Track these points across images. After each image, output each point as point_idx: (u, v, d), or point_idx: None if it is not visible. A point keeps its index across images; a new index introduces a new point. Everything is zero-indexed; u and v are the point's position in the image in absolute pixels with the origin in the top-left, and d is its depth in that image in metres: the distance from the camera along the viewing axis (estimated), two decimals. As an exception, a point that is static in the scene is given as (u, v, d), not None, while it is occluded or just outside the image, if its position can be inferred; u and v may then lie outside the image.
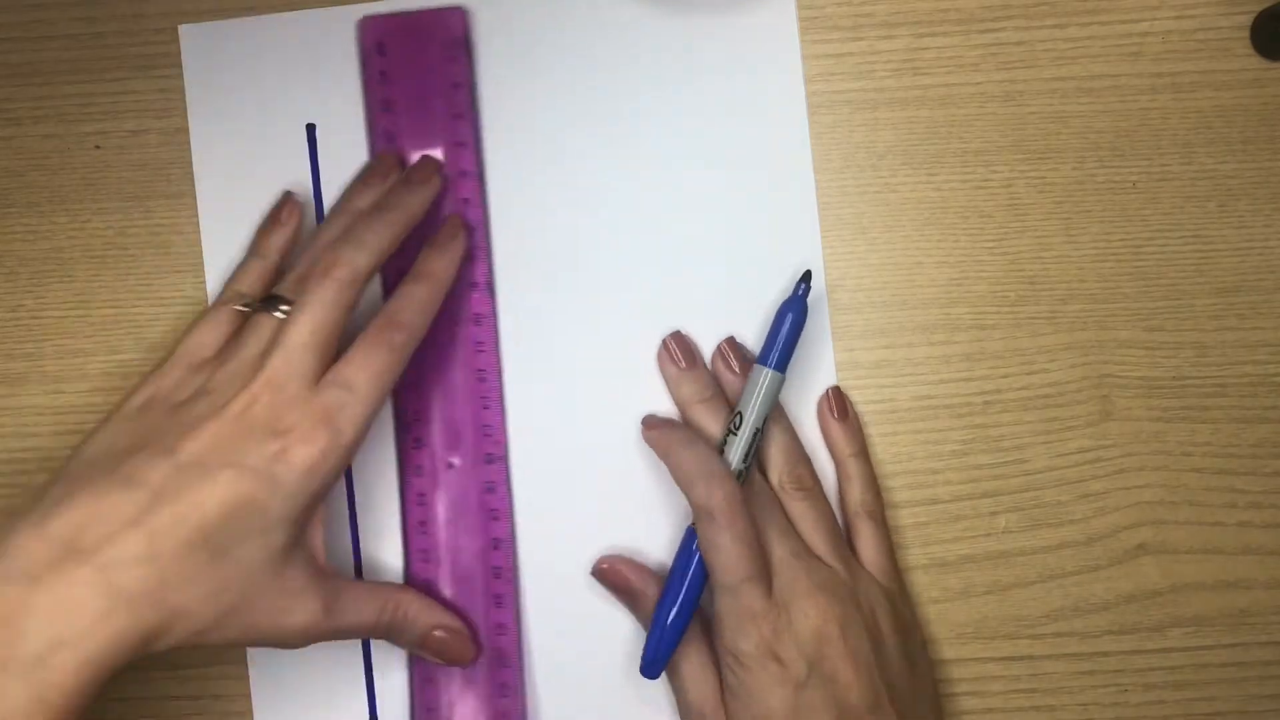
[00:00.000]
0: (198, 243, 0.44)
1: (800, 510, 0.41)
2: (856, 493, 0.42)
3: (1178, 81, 0.44)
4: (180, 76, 0.44)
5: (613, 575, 0.42)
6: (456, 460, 0.42)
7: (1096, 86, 0.44)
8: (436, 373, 0.43)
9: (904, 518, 0.43)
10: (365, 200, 0.42)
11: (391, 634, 0.40)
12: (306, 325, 0.37)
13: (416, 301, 0.39)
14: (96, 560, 0.33)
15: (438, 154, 0.43)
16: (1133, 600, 0.43)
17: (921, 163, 0.44)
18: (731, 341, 0.43)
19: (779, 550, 0.39)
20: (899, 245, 0.44)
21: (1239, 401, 0.44)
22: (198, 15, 0.44)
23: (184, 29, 0.44)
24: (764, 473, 0.41)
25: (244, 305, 0.40)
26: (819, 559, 0.40)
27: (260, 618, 0.36)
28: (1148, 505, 0.43)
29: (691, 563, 0.39)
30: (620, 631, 0.43)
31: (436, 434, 0.42)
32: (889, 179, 0.44)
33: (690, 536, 0.40)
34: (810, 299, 0.40)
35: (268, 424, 0.36)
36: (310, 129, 0.43)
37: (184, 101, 0.44)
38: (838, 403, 0.43)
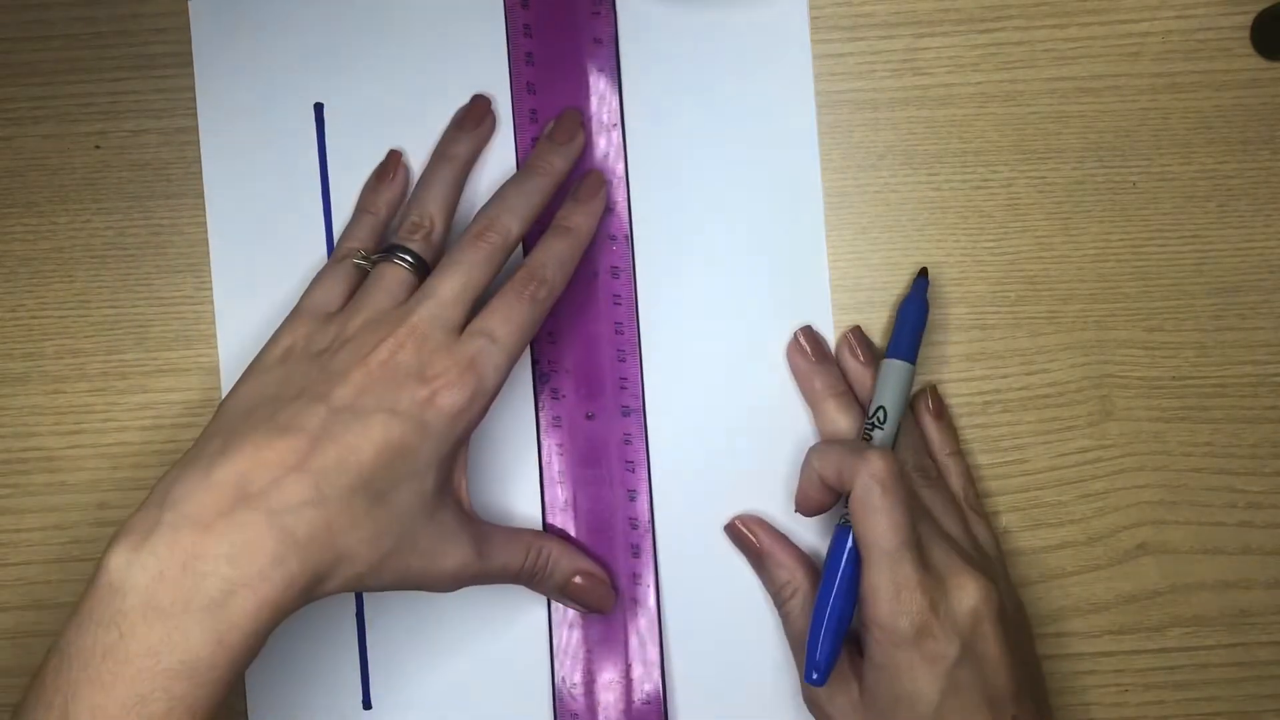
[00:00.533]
0: (198, 242, 0.44)
1: (929, 497, 0.41)
2: (959, 487, 0.42)
3: (1178, 81, 0.44)
4: (180, 76, 0.44)
5: (744, 535, 0.42)
6: (593, 412, 0.43)
7: (1096, 86, 0.44)
8: (574, 325, 0.43)
9: (904, 518, 0.43)
10: (463, 147, 0.42)
11: (535, 578, 0.40)
12: (457, 281, 0.38)
13: (557, 256, 0.40)
14: (266, 505, 0.33)
15: (580, 107, 0.43)
16: (1133, 600, 0.43)
17: (921, 163, 0.44)
18: (858, 331, 0.43)
19: (925, 528, 0.39)
20: (899, 245, 0.44)
21: (1239, 401, 0.44)
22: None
23: (194, 4, 0.44)
24: None
25: (362, 259, 0.40)
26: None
27: (416, 560, 0.36)
28: (1148, 505, 0.43)
29: (843, 558, 0.38)
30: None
31: (574, 386, 0.43)
32: (889, 179, 0.44)
33: (841, 536, 0.39)
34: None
35: (415, 370, 0.36)
36: (318, 108, 0.44)
37: (186, 99, 0.44)
38: (935, 402, 0.43)
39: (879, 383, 0.41)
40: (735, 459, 0.43)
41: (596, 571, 0.42)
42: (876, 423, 0.40)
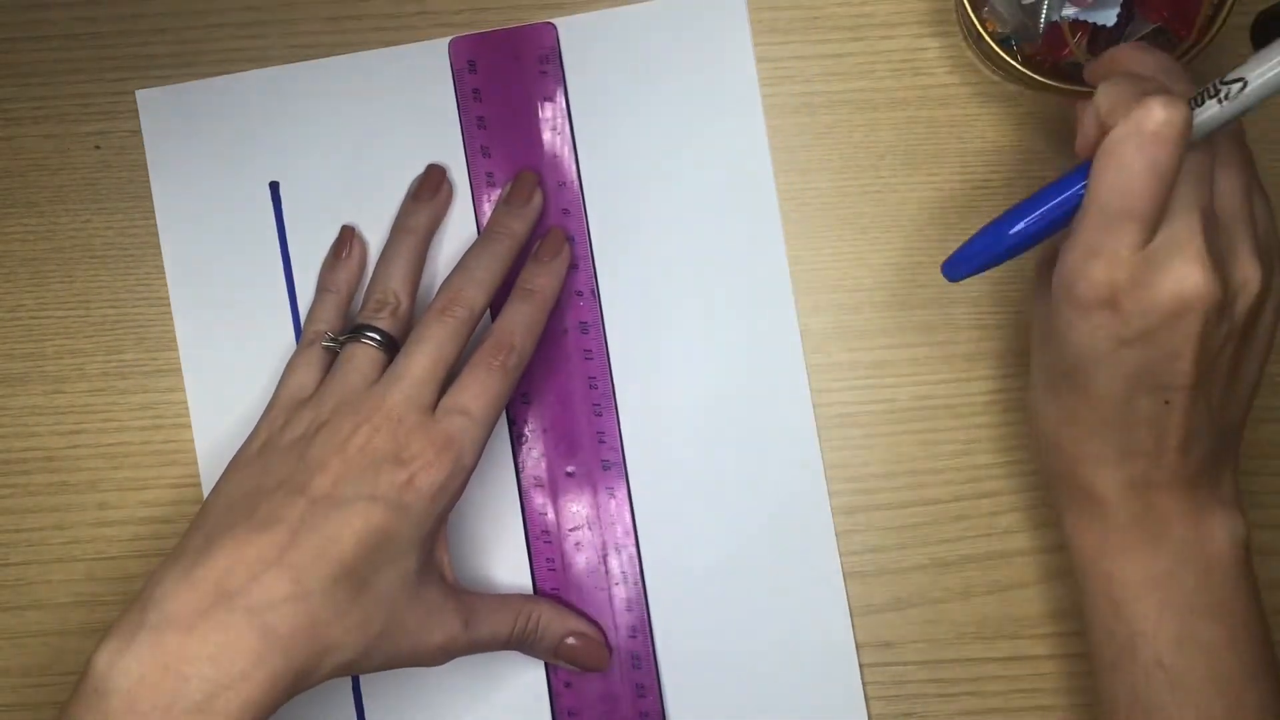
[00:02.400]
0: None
1: (1260, 203, 0.35)
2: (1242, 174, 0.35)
3: (1178, 81, 0.44)
4: (180, 77, 0.44)
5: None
6: (573, 468, 0.43)
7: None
8: (548, 383, 0.43)
9: (904, 518, 0.43)
10: (421, 218, 0.42)
11: (526, 644, 0.40)
12: (426, 360, 0.38)
13: (524, 320, 0.40)
14: (245, 603, 0.34)
15: (535, 169, 0.43)
16: (1133, 600, 0.43)
17: (921, 163, 0.44)
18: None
19: (1184, 197, 0.32)
20: (899, 245, 0.44)
21: (1239, 401, 0.43)
22: (196, 15, 0.44)
23: (141, 95, 0.44)
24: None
25: (330, 342, 0.40)
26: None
27: (404, 641, 0.37)
28: (1148, 505, 0.43)
29: (1064, 190, 0.33)
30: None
31: (552, 444, 0.43)
32: (889, 179, 0.44)
33: (1078, 173, 0.33)
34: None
35: (392, 454, 0.37)
36: (274, 186, 0.43)
37: (145, 164, 0.44)
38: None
39: (1257, 56, 0.32)
40: (722, 498, 0.43)
41: (589, 631, 0.42)
42: (1222, 94, 0.32)
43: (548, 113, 0.43)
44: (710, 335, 0.43)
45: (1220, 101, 0.32)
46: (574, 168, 0.43)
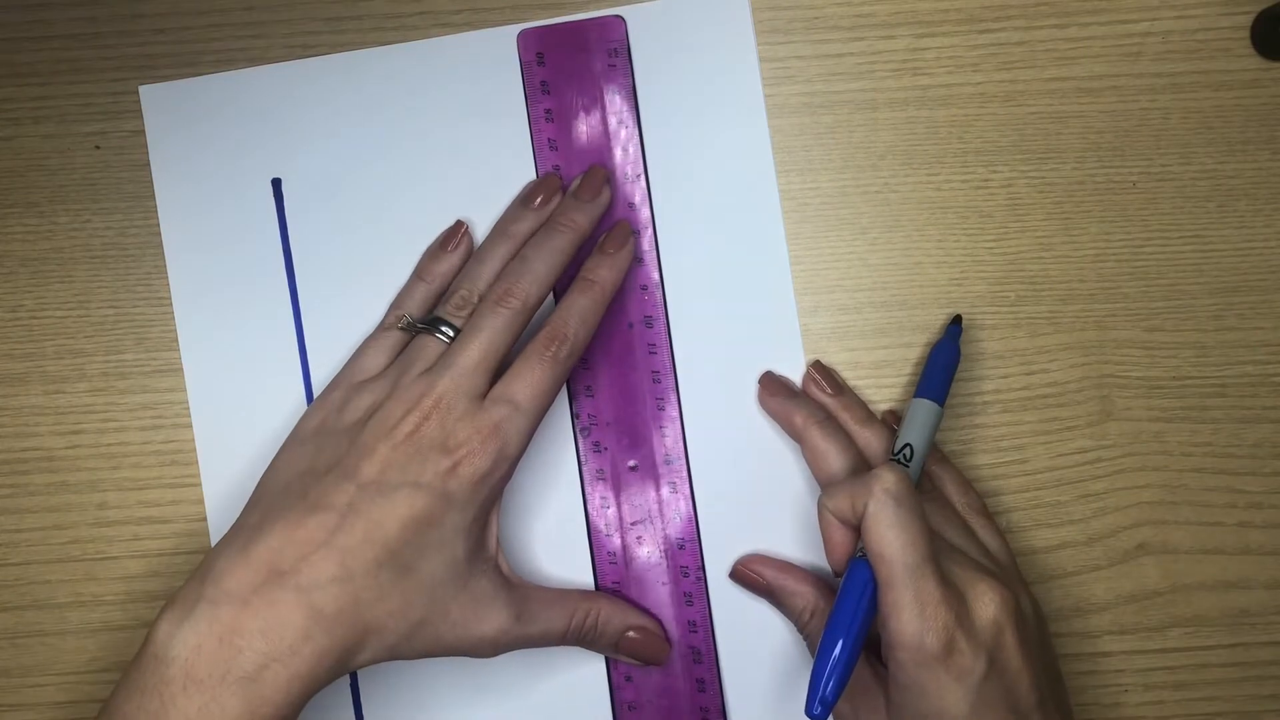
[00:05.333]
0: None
1: (930, 510, 0.40)
2: (956, 495, 0.42)
3: (1178, 81, 0.44)
4: (181, 77, 0.44)
5: (750, 577, 0.42)
6: (636, 462, 0.43)
7: (1096, 86, 0.44)
8: (612, 377, 0.43)
9: (904, 518, 0.43)
10: (525, 225, 0.42)
11: (584, 639, 0.41)
12: (477, 349, 0.38)
13: (580, 312, 0.40)
14: (295, 582, 0.35)
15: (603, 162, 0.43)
16: (1133, 600, 0.43)
17: (921, 163, 0.44)
18: (819, 365, 0.43)
19: (937, 543, 0.38)
20: (899, 245, 0.44)
21: (1239, 401, 0.44)
22: (196, 15, 0.44)
23: (144, 90, 0.44)
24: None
25: (405, 327, 0.41)
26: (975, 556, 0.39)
27: (448, 630, 0.37)
28: (1148, 505, 0.43)
29: (859, 592, 0.37)
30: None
31: (615, 437, 0.43)
32: (889, 179, 0.44)
33: (856, 570, 0.37)
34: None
35: (439, 442, 0.37)
36: (276, 184, 0.44)
37: (145, 164, 0.44)
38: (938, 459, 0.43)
39: (906, 420, 0.40)
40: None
41: (649, 625, 0.42)
42: (903, 459, 0.39)
43: (615, 106, 0.43)
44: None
45: (906, 464, 0.39)
46: (641, 162, 0.43)
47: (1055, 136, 0.44)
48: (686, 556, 0.43)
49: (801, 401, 0.42)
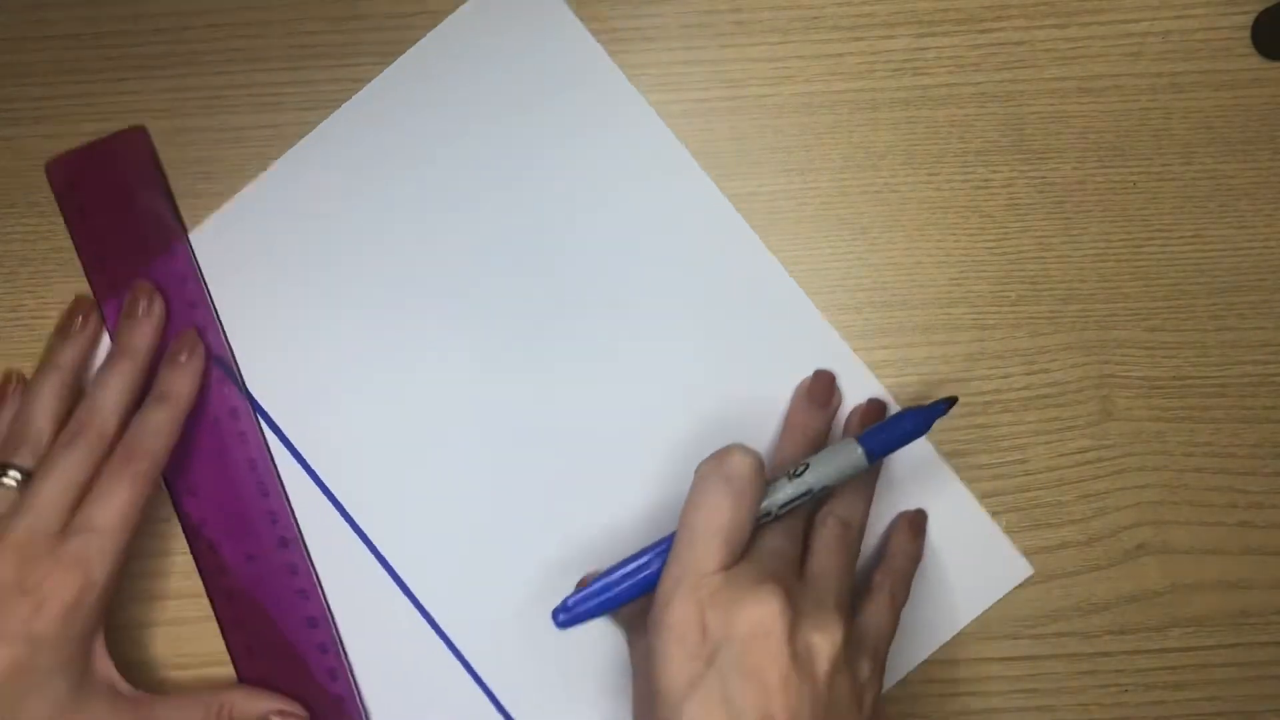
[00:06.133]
0: (198, 243, 0.44)
1: (825, 538, 0.39)
2: (889, 584, 0.40)
3: (1178, 81, 0.44)
4: (181, 76, 0.44)
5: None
6: (253, 551, 0.42)
7: (1096, 86, 0.44)
8: (209, 473, 0.43)
9: (904, 518, 0.43)
10: (69, 354, 0.42)
11: None
12: (54, 485, 0.38)
13: (155, 425, 0.40)
14: None
15: (151, 273, 0.43)
16: (1133, 600, 0.43)
17: (921, 163, 0.44)
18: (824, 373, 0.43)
19: (771, 542, 0.37)
20: (899, 245, 0.44)
21: (1239, 401, 0.44)
22: (196, 15, 0.44)
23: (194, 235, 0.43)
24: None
25: None
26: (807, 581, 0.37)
27: None
28: (1148, 505, 0.43)
29: (663, 545, 0.37)
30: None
31: (226, 532, 0.43)
32: (889, 179, 0.44)
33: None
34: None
35: (16, 585, 0.37)
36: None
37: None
38: (916, 522, 0.42)
39: (827, 451, 0.38)
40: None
41: (288, 707, 0.41)
42: (792, 473, 0.37)
43: (158, 212, 0.43)
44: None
45: (791, 478, 0.37)
46: (191, 260, 0.43)
47: (1055, 136, 0.44)
48: (322, 634, 0.42)
49: (821, 413, 0.42)
